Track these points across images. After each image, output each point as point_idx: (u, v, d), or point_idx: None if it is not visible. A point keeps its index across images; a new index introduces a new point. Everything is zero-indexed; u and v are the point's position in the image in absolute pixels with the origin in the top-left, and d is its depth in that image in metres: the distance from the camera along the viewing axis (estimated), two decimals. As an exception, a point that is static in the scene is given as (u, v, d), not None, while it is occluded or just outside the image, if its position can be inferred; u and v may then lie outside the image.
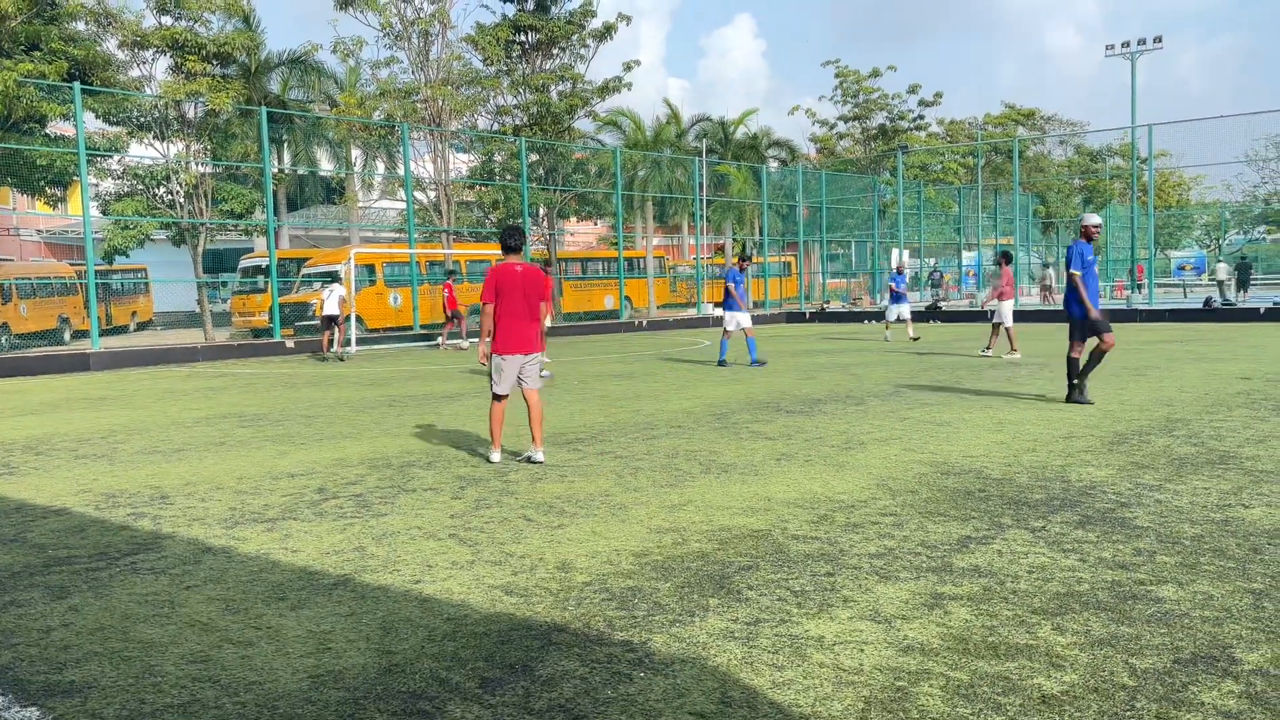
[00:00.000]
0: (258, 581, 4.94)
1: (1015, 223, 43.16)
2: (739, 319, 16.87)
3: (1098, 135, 66.72)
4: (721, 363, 16.83)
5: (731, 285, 16.80)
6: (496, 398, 8.16)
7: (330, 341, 21.65)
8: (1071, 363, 10.68)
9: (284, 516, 6.35)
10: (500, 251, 8.18)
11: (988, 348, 17.89)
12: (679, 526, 5.78)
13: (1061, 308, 11.26)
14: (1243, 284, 34.86)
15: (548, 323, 9.63)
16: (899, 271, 23.07)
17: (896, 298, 22.40)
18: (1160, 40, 40.65)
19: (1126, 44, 42.71)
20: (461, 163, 33.52)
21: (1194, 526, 5.48)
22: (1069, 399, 10.72)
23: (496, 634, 4.10)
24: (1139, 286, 39.92)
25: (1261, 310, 26.84)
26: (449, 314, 25.34)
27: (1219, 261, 35.30)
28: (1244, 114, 44.29)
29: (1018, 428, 9.15)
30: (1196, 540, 5.20)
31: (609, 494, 6.73)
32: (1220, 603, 4.23)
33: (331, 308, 21.27)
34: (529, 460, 8.03)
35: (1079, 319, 10.58)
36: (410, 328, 27.87)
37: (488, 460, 8.13)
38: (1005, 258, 18.28)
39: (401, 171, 28.96)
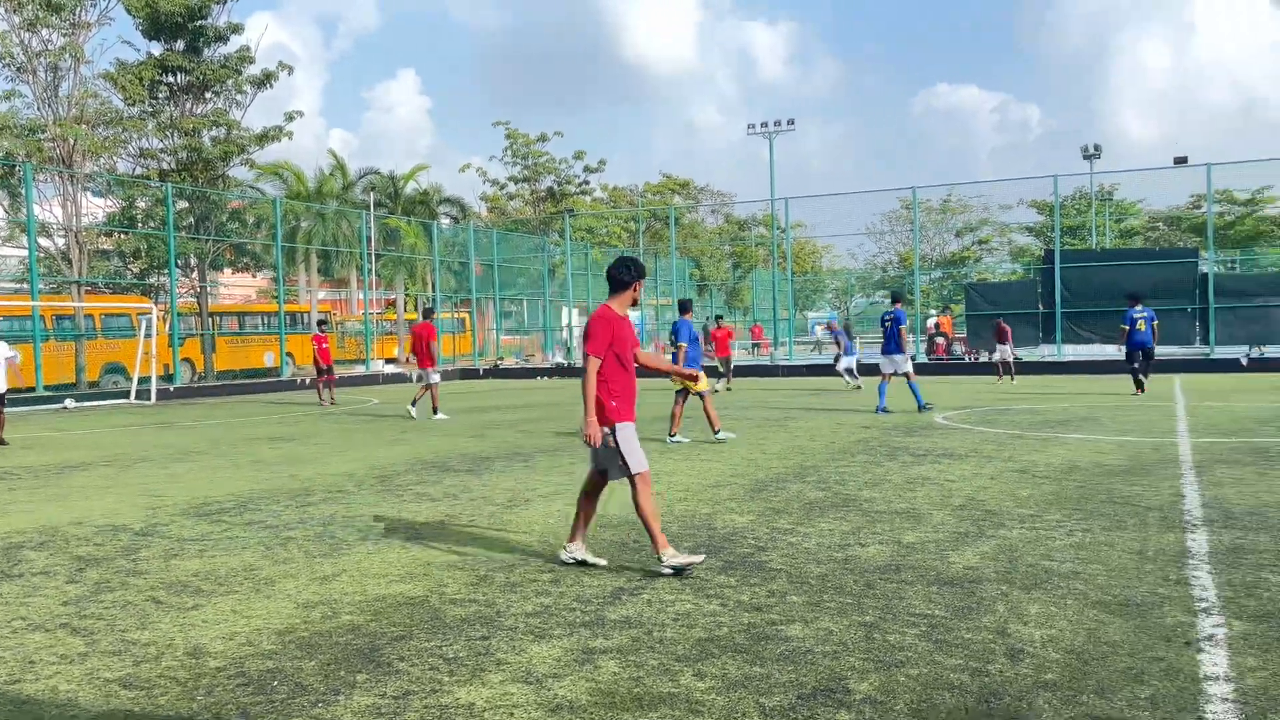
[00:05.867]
0: None
1: (674, 285, 45.84)
2: (896, 362, 16.15)
3: (744, 206, 72.86)
4: (925, 407, 16.15)
5: (903, 328, 16.18)
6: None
7: None
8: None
9: None
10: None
11: None
12: (330, 599, 5.49)
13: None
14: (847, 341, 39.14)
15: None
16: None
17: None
18: (793, 123, 45.18)
19: (765, 124, 47.03)
20: (98, 208, 30.58)
21: (820, 566, 5.98)
22: None
23: (108, 736, 3.66)
24: (756, 346, 43.84)
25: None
26: (322, 368, 22.96)
27: (818, 324, 39.19)
28: (863, 191, 50.24)
29: (672, 478, 9.61)
30: (821, 579, 5.67)
31: (254, 568, 6.29)
32: (838, 637, 4.62)
33: None
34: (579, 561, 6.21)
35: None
36: (32, 389, 24.80)
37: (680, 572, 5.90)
38: None
39: (23, 216, 25.91)
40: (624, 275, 6.12)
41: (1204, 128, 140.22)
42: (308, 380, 30.08)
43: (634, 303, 6.22)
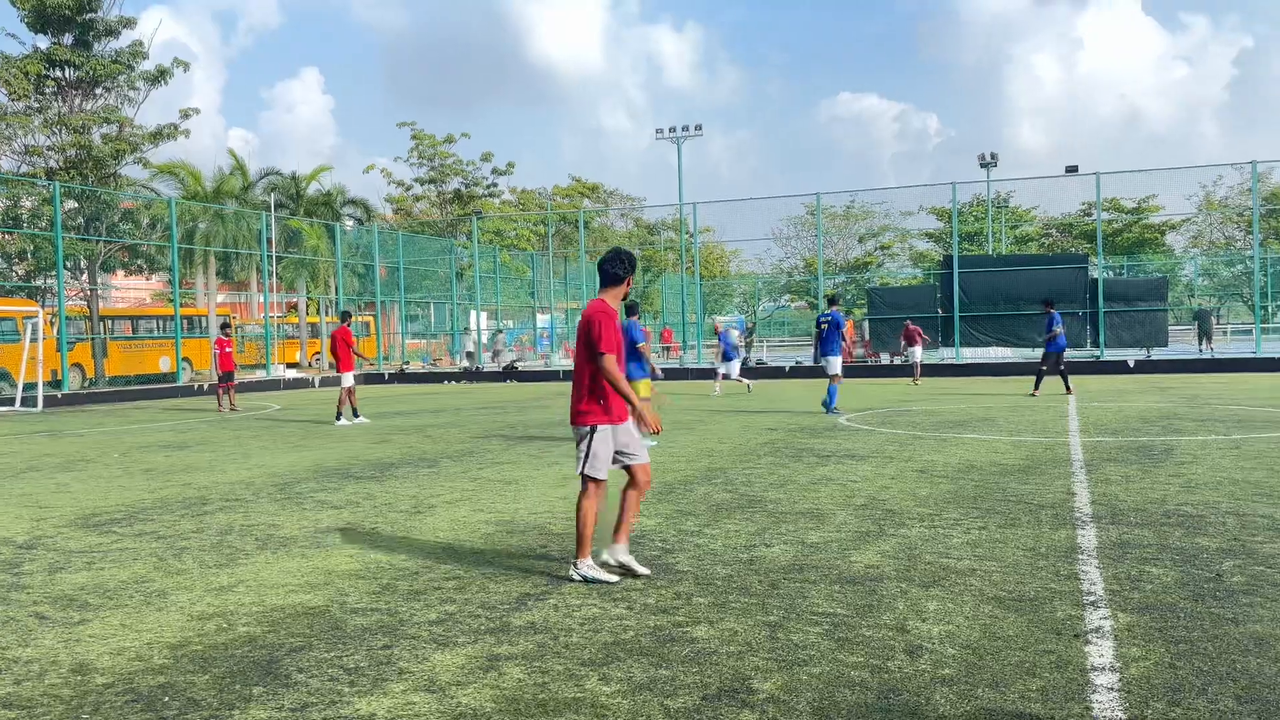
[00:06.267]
0: None
1: (584, 288, 45.82)
2: (830, 364, 16.71)
3: (653, 210, 73.29)
4: (833, 410, 16.49)
5: (843, 330, 16.88)
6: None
7: None
8: None
9: None
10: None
11: None
12: (226, 611, 5.33)
13: None
14: (748, 347, 39.80)
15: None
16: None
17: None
18: (700, 128, 45.63)
19: (673, 129, 47.38)
20: (-21, 206, 29.22)
21: (726, 567, 6.03)
22: None
23: (-16, 760, 3.48)
24: (666, 349, 44.32)
25: (786, 369, 30.69)
26: (222, 374, 22.02)
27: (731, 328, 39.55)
28: (769, 197, 51.10)
29: (580, 482, 9.56)
30: (727, 580, 5.72)
31: (146, 580, 6.06)
32: (743, 637, 4.66)
33: None
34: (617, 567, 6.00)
35: None
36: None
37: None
38: None
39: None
40: (618, 269, 5.98)
41: (1092, 138, 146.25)
42: (205, 385, 29.21)
43: (624, 297, 6.07)
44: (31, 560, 6.73)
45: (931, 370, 28.86)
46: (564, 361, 41.39)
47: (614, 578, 5.79)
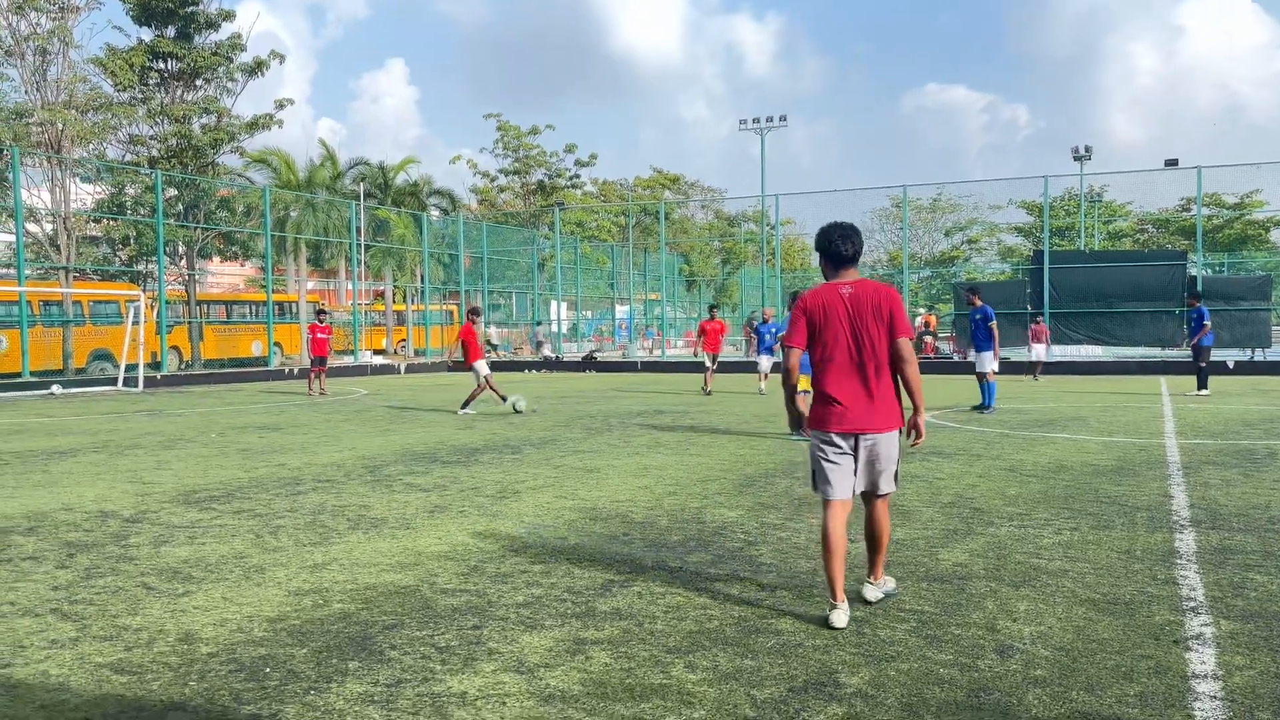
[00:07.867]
0: None
1: (663, 280, 45.88)
2: (987, 359, 16.42)
3: (734, 202, 72.95)
4: (989, 408, 16.08)
5: (993, 325, 16.53)
6: (826, 503, 4.94)
7: None
8: None
9: None
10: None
11: None
12: (321, 587, 5.49)
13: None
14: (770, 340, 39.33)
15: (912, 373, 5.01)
16: None
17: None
18: (785, 119, 45.24)
19: (756, 120, 47.05)
20: (86, 194, 30.41)
21: (809, 561, 6.00)
22: None
23: (101, 719, 3.65)
24: (747, 342, 44.12)
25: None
26: (315, 359, 22.75)
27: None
28: (852, 189, 50.45)
29: (661, 472, 9.63)
30: (811, 574, 5.69)
31: (244, 556, 6.28)
32: (829, 631, 4.64)
33: None
34: (863, 600, 5.10)
35: None
36: (18, 374, 24.67)
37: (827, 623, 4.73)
38: None
39: (10, 201, 25.71)
40: (857, 247, 5.06)
41: (1190, 130, 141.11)
42: (295, 370, 30.01)
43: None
44: (138, 533, 7.01)
45: (1019, 368, 28.12)
46: (640, 352, 41.52)
47: (893, 584, 5.28)
